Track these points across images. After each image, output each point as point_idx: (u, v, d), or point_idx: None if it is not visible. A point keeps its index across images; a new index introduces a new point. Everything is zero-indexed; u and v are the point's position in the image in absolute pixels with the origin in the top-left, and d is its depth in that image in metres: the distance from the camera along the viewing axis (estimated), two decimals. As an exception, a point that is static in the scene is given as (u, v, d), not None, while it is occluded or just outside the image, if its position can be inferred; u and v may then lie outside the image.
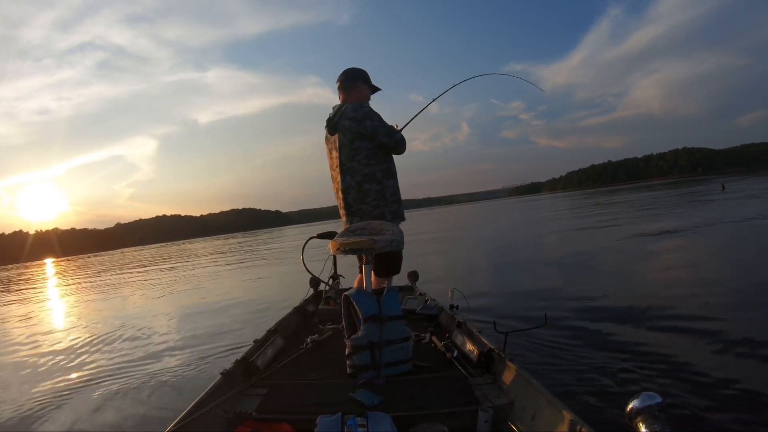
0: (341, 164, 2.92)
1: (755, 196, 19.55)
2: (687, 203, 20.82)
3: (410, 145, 3.04)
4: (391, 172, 2.95)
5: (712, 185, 34.98)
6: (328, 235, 2.87)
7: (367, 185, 2.88)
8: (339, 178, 2.96)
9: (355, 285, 3.02)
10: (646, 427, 1.08)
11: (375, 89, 3.13)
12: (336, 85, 3.10)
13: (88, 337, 5.85)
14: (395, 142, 2.87)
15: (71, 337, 6.07)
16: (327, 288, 3.97)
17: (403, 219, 3.01)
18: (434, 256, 11.62)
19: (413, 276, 4.41)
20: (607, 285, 5.65)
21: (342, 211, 3.03)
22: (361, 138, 2.85)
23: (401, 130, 3.12)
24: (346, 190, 2.93)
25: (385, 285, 2.61)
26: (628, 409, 1.12)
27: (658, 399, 1.11)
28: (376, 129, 2.83)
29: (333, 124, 2.98)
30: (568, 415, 1.46)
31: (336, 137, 2.95)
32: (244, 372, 2.25)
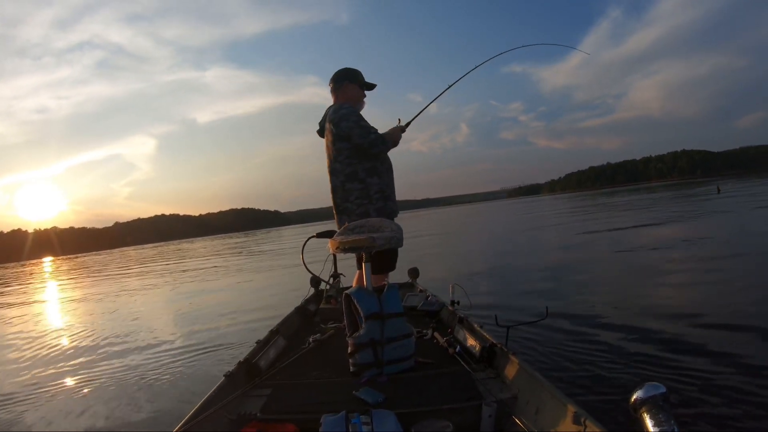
0: (329, 165, 2.98)
1: (747, 198, 19.98)
2: (685, 204, 20.99)
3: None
4: (375, 170, 2.92)
5: (709, 187, 35.32)
6: (328, 234, 2.88)
7: (350, 184, 2.89)
8: (329, 178, 3.01)
9: (354, 283, 3.01)
10: (650, 418, 1.08)
11: (368, 86, 3.11)
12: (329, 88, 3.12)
13: (90, 338, 5.84)
14: (368, 142, 2.84)
15: (73, 338, 6.05)
16: (327, 287, 3.97)
17: (393, 216, 2.98)
18: (434, 253, 11.64)
19: (414, 273, 4.41)
20: (607, 277, 5.67)
21: (333, 211, 3.06)
22: (341, 139, 2.87)
23: (410, 122, 3.11)
24: (333, 190, 2.98)
25: (385, 282, 2.61)
26: (632, 399, 1.12)
27: (663, 389, 1.10)
28: (351, 130, 2.83)
29: (320, 128, 3.07)
30: (571, 408, 1.47)
31: (324, 139, 3.02)
32: (247, 373, 2.24)
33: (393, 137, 3.00)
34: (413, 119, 3.18)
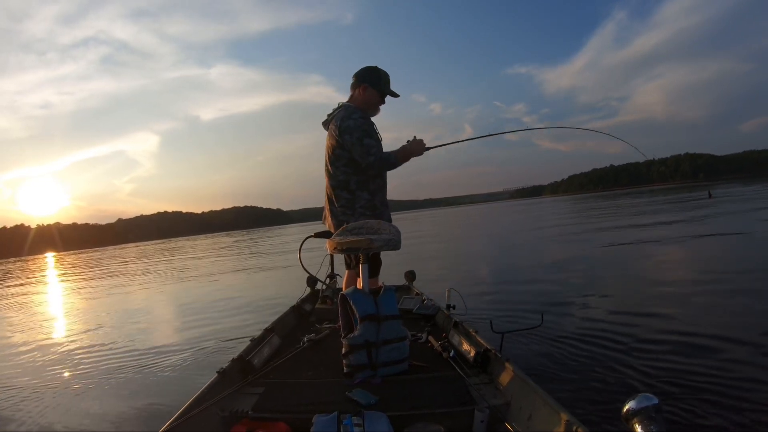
0: (325, 165, 2.92)
1: (736, 203, 20.21)
2: (674, 209, 21.15)
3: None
4: (366, 186, 2.82)
5: (703, 192, 35.63)
6: (325, 235, 2.86)
7: (339, 191, 2.83)
8: (324, 176, 2.96)
9: (344, 285, 2.99)
10: (642, 429, 1.08)
11: (389, 94, 2.93)
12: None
13: (84, 334, 5.84)
14: (366, 164, 2.74)
15: (67, 333, 6.07)
16: (324, 287, 3.96)
17: None
18: (431, 256, 11.64)
19: (410, 276, 4.41)
20: (602, 285, 5.65)
21: (324, 208, 3.03)
22: (341, 147, 2.79)
23: (432, 147, 2.94)
24: (326, 189, 2.94)
25: (381, 284, 2.60)
26: (625, 410, 1.12)
27: (655, 400, 1.10)
28: (353, 147, 2.73)
29: (326, 125, 2.96)
30: (564, 416, 1.47)
31: (327, 135, 2.94)
32: (240, 371, 2.24)
33: (406, 154, 2.82)
34: (437, 146, 3.00)
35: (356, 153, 2.74)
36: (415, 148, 2.84)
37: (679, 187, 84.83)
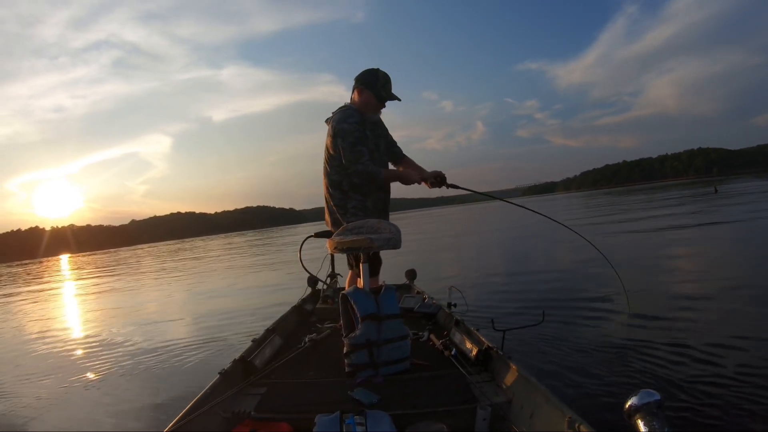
0: (323, 164, 2.91)
1: (739, 198, 20.30)
2: (678, 204, 21.02)
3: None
4: (360, 188, 2.80)
5: (710, 188, 35.37)
6: (326, 234, 2.86)
7: (333, 191, 2.84)
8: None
9: (346, 284, 2.99)
10: (644, 425, 1.08)
11: (388, 97, 2.85)
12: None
13: (87, 334, 5.91)
14: (352, 171, 2.73)
15: (71, 334, 6.15)
16: (325, 287, 3.96)
17: None
18: (433, 255, 11.64)
19: (411, 274, 4.40)
20: (603, 283, 5.58)
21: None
22: (335, 149, 2.78)
23: (442, 183, 2.86)
24: (323, 189, 2.93)
25: (382, 284, 2.59)
26: (627, 406, 1.12)
27: (657, 396, 1.10)
28: (343, 151, 2.72)
29: (329, 123, 2.94)
30: (566, 413, 1.45)
31: (326, 135, 2.93)
32: (242, 371, 2.25)
33: (399, 178, 2.81)
34: (452, 186, 2.93)
35: (346, 157, 2.72)
36: (405, 178, 2.80)
37: (693, 182, 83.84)
